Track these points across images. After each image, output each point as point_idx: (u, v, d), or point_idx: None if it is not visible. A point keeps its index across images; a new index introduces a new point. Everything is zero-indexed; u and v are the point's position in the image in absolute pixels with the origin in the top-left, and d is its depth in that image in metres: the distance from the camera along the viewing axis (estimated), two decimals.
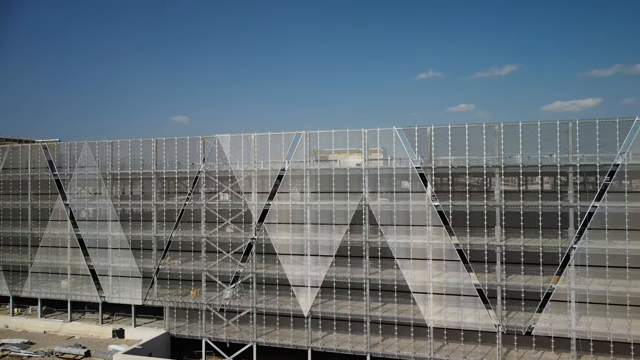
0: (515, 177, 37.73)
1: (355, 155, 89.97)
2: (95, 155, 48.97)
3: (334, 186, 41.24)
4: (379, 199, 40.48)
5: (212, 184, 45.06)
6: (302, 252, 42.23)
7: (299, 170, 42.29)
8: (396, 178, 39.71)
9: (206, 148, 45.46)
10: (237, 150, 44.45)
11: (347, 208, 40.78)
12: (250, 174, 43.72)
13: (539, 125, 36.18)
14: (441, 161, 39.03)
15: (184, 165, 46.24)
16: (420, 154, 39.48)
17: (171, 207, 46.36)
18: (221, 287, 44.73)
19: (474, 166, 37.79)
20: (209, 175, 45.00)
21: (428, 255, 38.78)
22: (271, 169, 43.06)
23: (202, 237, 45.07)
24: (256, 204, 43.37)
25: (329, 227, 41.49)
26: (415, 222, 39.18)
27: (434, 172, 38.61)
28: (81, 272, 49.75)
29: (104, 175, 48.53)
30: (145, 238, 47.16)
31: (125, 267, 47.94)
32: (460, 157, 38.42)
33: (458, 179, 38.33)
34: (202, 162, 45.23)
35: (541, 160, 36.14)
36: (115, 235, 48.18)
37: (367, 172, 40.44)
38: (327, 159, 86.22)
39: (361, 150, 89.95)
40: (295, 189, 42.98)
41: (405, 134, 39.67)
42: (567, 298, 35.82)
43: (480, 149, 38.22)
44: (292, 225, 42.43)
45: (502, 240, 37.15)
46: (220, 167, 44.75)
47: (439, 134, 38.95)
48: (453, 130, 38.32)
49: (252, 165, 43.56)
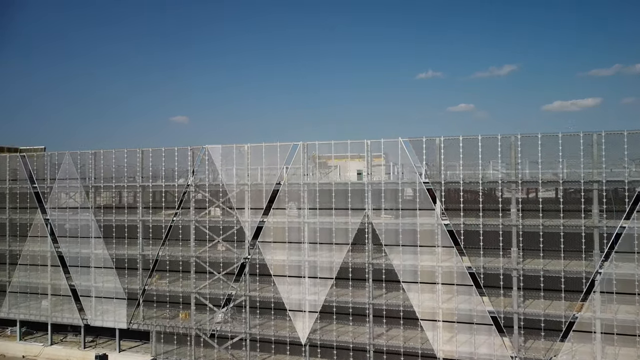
0: (533, 193, 34.32)
1: (357, 161, 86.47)
2: (77, 166, 45.52)
3: (334, 202, 37.81)
4: (382, 215, 37.05)
5: (202, 199, 41.61)
6: (299, 274, 38.80)
7: (296, 185, 38.87)
8: (402, 194, 36.25)
9: (195, 159, 42.02)
10: (229, 162, 41.05)
11: (348, 226, 37.37)
12: (243, 188, 40.30)
13: (560, 137, 32.79)
14: (452, 175, 35.70)
15: (171, 178, 42.78)
16: (428, 167, 36.12)
17: (158, 222, 42.88)
18: (212, 311, 41.26)
19: (489, 181, 34.41)
20: (198, 188, 41.58)
21: (437, 278, 35.37)
22: (266, 182, 39.64)
23: (191, 256, 41.61)
24: (249, 220, 39.94)
25: (329, 246, 38.06)
26: (423, 242, 35.79)
27: (443, 187, 35.19)
28: (62, 292, 46.27)
29: (86, 188, 45.14)
30: (130, 256, 43.70)
31: (109, 287, 44.49)
32: (472, 171, 35.11)
33: (470, 195, 34.93)
34: (191, 175, 41.79)
35: (563, 176, 32.73)
36: (98, 252, 44.73)
37: (370, 186, 37.00)
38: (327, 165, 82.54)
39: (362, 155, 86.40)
40: (292, 205, 39.55)
41: (412, 145, 36.28)
42: (591, 328, 32.39)
43: (495, 162, 34.95)
44: (289, 244, 39.01)
45: (519, 263, 33.75)
46: (210, 180, 41.35)
47: (449, 145, 35.57)
48: (465, 142, 34.93)
49: (245, 179, 40.13)
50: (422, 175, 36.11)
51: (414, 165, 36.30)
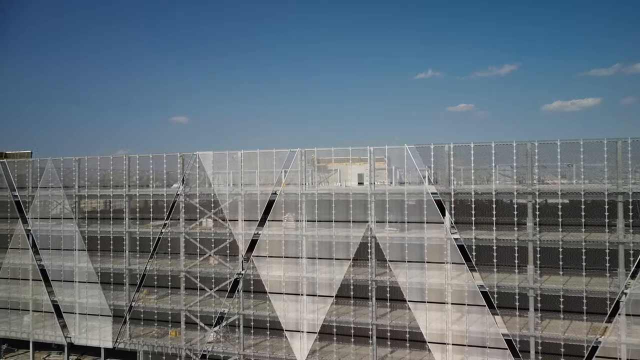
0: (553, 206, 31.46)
1: (357, 165, 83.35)
2: (60, 173, 42.64)
3: (333, 214, 34.98)
4: (387, 228, 34.22)
5: (193, 209, 38.74)
6: (297, 291, 35.96)
7: (294, 195, 36.04)
8: (408, 205, 33.39)
9: (186, 167, 39.15)
10: (221, 170, 38.22)
11: (349, 240, 34.56)
12: (236, 198, 37.46)
13: (581, 144, 30.00)
14: (462, 186, 32.92)
15: (160, 186, 39.94)
16: (436, 177, 33.34)
17: (146, 234, 40.01)
18: (203, 330, 38.42)
19: (503, 192, 31.57)
20: (188, 198, 38.72)
21: (447, 297, 32.56)
22: (261, 192, 36.79)
23: (181, 270, 38.75)
24: (243, 233, 37.10)
25: (329, 261, 35.24)
26: (430, 257, 33.00)
27: (453, 198, 32.37)
28: (44, 308, 43.40)
29: (69, 197, 42.26)
30: (116, 270, 40.86)
31: (93, 303, 41.63)
32: (484, 181, 32.35)
33: (483, 208, 32.11)
34: (180, 184, 38.93)
35: (585, 187, 29.94)
36: (82, 266, 41.88)
37: (374, 197, 34.17)
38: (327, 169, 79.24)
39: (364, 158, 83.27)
40: (289, 216, 36.71)
41: (419, 153, 33.48)
42: (616, 354, 29.60)
43: (509, 171, 32.20)
44: (286, 259, 36.17)
45: (536, 281, 30.95)
46: (201, 189, 38.48)
47: (459, 153, 32.78)
48: (476, 149, 32.13)
49: (239, 188, 37.29)
50: (429, 184, 33.34)
51: (421, 175, 33.53)
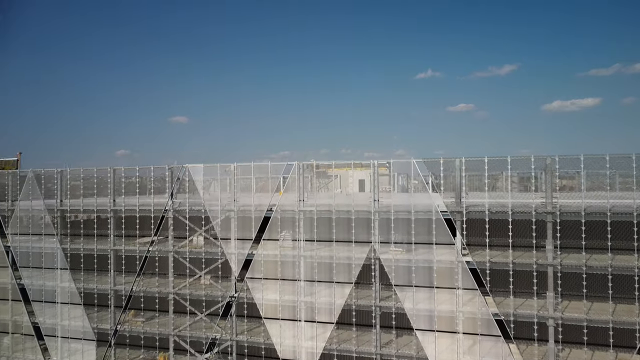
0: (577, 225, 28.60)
1: (358, 170, 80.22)
2: (41, 186, 39.83)
3: (334, 233, 32.21)
4: (392, 249, 31.44)
5: (182, 226, 35.95)
6: (294, 316, 33.17)
7: (291, 212, 33.26)
8: (415, 224, 30.59)
9: (174, 180, 36.35)
10: (213, 183, 35.45)
11: (352, 261, 31.78)
12: (228, 215, 34.67)
13: (607, 158, 27.25)
14: (472, 200, 30.19)
15: (148, 203, 37.08)
16: (446, 193, 30.57)
17: (132, 252, 37.20)
18: (193, 356, 35.60)
19: (519, 211, 28.77)
20: (177, 214, 35.92)
21: (458, 326, 29.77)
22: (255, 208, 33.99)
23: (170, 292, 35.95)
24: (236, 252, 34.31)
25: (329, 284, 32.45)
26: (440, 281, 30.21)
27: (465, 217, 29.60)
28: (24, 329, 40.59)
29: (51, 212, 39.47)
30: (100, 291, 38.06)
31: (76, 325, 38.80)
32: (498, 199, 29.60)
33: (497, 227, 29.32)
34: (169, 198, 36.13)
35: (611, 205, 27.16)
36: (64, 286, 39.09)
37: (378, 215, 31.38)
38: (327, 175, 75.96)
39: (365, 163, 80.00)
40: (286, 234, 33.92)
41: (427, 167, 30.72)
42: None
43: (526, 186, 29.50)
44: (282, 281, 33.37)
45: (556, 309, 28.17)
46: (191, 204, 35.67)
47: (472, 167, 30.05)
48: (490, 163, 29.38)
49: (232, 204, 34.50)
50: (437, 200, 30.60)
51: (429, 190, 30.76)
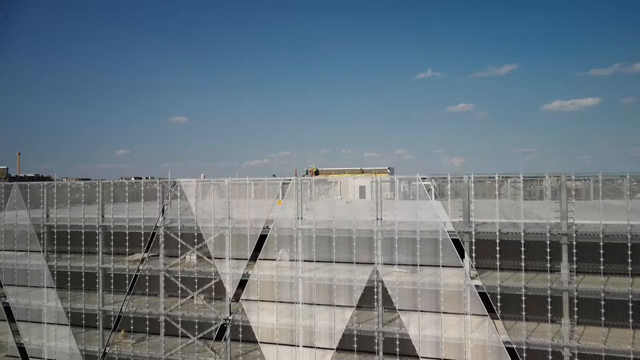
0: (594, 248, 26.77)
1: (359, 177, 78.25)
2: (27, 200, 37.97)
3: (334, 253, 30.37)
4: (396, 270, 29.59)
5: (174, 243, 34.08)
6: (292, 341, 31.32)
7: (288, 230, 31.43)
8: (421, 244, 28.75)
9: (166, 195, 34.49)
10: (206, 199, 33.59)
11: (353, 283, 29.93)
12: (222, 232, 32.83)
13: (627, 178, 25.47)
14: (483, 225, 28.39)
15: (137, 220, 35.20)
16: (454, 212, 28.74)
17: (121, 270, 35.33)
18: None
19: (533, 232, 26.94)
20: (169, 231, 34.07)
21: (466, 354, 27.91)
22: (251, 226, 32.14)
23: (161, 313, 34.09)
24: (231, 272, 32.45)
25: (329, 308, 30.60)
26: (447, 306, 28.38)
27: (474, 238, 27.77)
28: (9, 350, 38.72)
29: (37, 227, 37.60)
30: (88, 311, 36.19)
31: (63, 347, 36.93)
32: (509, 219, 27.80)
33: (508, 250, 27.51)
34: (160, 214, 34.28)
35: (631, 227, 25.33)
36: (51, 305, 37.23)
37: (381, 235, 29.55)
38: (327, 182, 73.81)
39: (365, 170, 77.60)
40: (283, 254, 32.07)
41: (434, 184, 28.91)
42: None
43: (539, 206, 27.67)
44: (279, 304, 31.52)
45: (572, 337, 26.34)
46: (183, 221, 33.81)
47: (481, 184, 28.25)
48: (501, 181, 27.58)
49: (226, 221, 32.65)
50: (443, 217, 28.79)
51: (435, 208, 28.93)
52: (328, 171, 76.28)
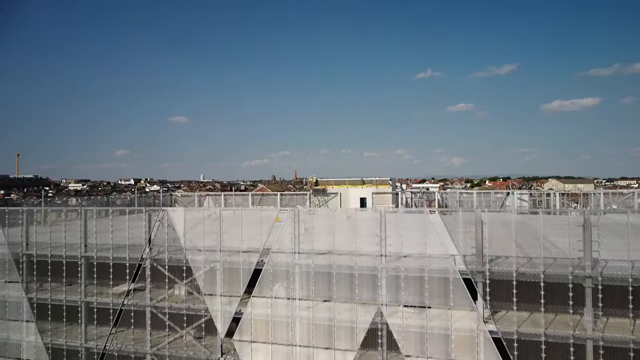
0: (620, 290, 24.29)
1: (359, 188, 75.21)
2: (5, 227, 35.45)
3: (334, 290, 27.89)
4: (402, 309, 27.09)
5: (161, 277, 31.58)
6: None
7: (285, 264, 28.93)
8: (430, 283, 26.29)
9: (152, 225, 31.98)
10: (196, 230, 31.07)
11: (355, 324, 27.44)
12: (213, 266, 30.33)
13: None
14: (498, 263, 25.93)
15: (122, 247, 32.73)
16: (464, 250, 26.26)
17: (105, 304, 32.83)
18: None
19: (553, 274, 24.47)
20: (156, 263, 31.57)
21: None
22: (244, 260, 29.65)
23: (147, 353, 31.60)
24: (222, 310, 29.95)
25: (329, 351, 28.10)
26: (458, 353, 25.89)
27: (488, 279, 25.29)
28: None
29: (15, 256, 35.06)
30: (70, 347, 33.69)
31: None
32: (524, 250, 25.33)
33: (526, 292, 25.06)
34: (146, 245, 31.77)
35: None
36: (30, 340, 34.72)
37: (385, 272, 27.07)
38: (326, 193, 70.85)
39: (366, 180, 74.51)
40: (279, 289, 29.57)
41: (443, 220, 26.42)
42: None
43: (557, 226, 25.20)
44: (274, 345, 29.02)
45: None
46: (171, 253, 31.30)
47: (495, 219, 25.78)
48: (520, 218, 25.11)
49: (217, 254, 30.16)
50: (452, 251, 26.35)
51: (444, 244, 26.46)
52: (328, 182, 73.89)
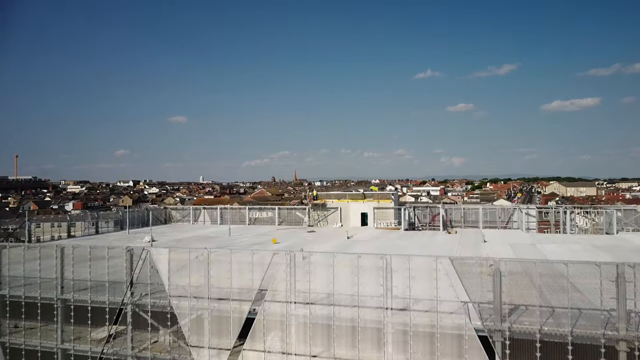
0: None
1: (360, 202, 71.95)
2: None
3: (334, 346, 25.02)
4: None
5: (144, 322, 28.70)
6: None
7: (280, 314, 26.05)
8: (441, 341, 23.41)
9: (134, 265, 29.09)
10: (181, 272, 28.19)
11: None
12: (200, 314, 27.45)
13: None
14: (517, 313, 23.08)
15: (101, 290, 29.88)
16: (479, 304, 23.39)
17: (83, 352, 29.97)
18: None
19: (582, 336, 21.61)
20: (138, 309, 28.69)
21: None
22: (234, 308, 26.77)
23: None
24: None
25: None
26: None
27: (507, 338, 22.42)
28: None
29: None
30: None
31: None
32: (546, 299, 22.44)
33: (551, 351, 22.22)
34: (127, 288, 28.88)
35: None
36: None
37: (392, 327, 24.17)
38: (326, 207, 67.59)
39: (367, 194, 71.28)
40: (273, 339, 26.67)
41: (455, 267, 23.53)
42: None
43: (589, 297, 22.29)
44: None
45: None
46: (155, 298, 28.43)
47: (514, 270, 22.91)
48: (542, 268, 22.23)
49: (205, 301, 27.27)
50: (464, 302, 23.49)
51: (457, 296, 23.59)
52: (328, 195, 71.13)
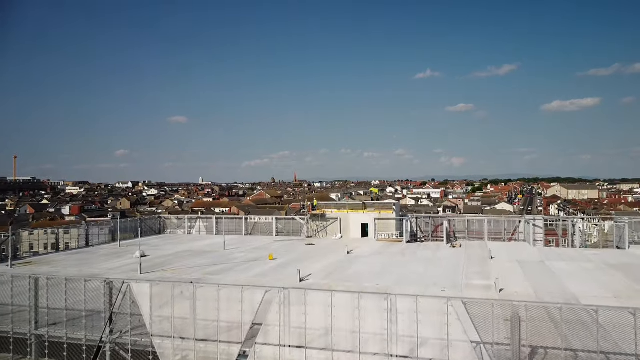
0: None
1: (360, 213, 69.26)
2: None
3: None
4: None
5: None
6: None
7: (271, 359, 23.56)
8: None
9: (114, 299, 26.55)
10: (164, 308, 25.65)
11: None
12: (186, 355, 24.92)
13: None
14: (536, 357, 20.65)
15: (78, 321, 27.34)
16: (492, 345, 20.96)
17: None
18: None
19: None
20: (118, 348, 26.16)
21: None
22: (221, 350, 24.25)
23: None
24: None
25: None
26: None
27: None
28: None
29: None
30: None
31: None
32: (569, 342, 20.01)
33: None
34: (106, 325, 26.34)
35: None
36: None
37: None
38: (325, 218, 65.02)
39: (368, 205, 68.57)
40: None
41: (467, 309, 21.10)
42: None
43: None
44: None
45: None
46: (135, 336, 25.90)
47: (534, 316, 20.47)
48: (568, 311, 19.82)
49: (190, 342, 24.75)
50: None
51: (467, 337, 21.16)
52: (327, 205, 68.68)
